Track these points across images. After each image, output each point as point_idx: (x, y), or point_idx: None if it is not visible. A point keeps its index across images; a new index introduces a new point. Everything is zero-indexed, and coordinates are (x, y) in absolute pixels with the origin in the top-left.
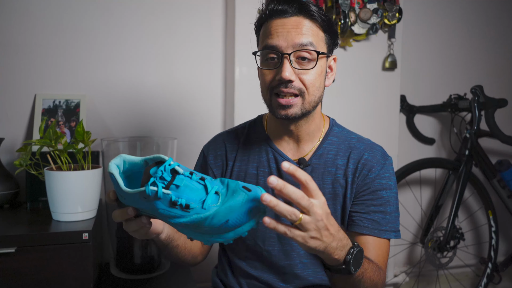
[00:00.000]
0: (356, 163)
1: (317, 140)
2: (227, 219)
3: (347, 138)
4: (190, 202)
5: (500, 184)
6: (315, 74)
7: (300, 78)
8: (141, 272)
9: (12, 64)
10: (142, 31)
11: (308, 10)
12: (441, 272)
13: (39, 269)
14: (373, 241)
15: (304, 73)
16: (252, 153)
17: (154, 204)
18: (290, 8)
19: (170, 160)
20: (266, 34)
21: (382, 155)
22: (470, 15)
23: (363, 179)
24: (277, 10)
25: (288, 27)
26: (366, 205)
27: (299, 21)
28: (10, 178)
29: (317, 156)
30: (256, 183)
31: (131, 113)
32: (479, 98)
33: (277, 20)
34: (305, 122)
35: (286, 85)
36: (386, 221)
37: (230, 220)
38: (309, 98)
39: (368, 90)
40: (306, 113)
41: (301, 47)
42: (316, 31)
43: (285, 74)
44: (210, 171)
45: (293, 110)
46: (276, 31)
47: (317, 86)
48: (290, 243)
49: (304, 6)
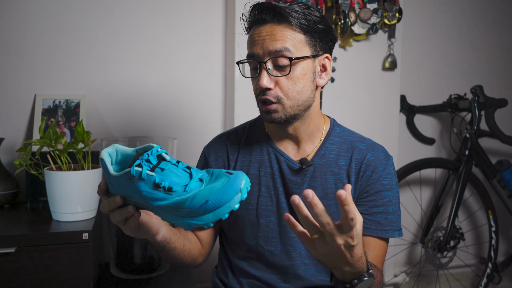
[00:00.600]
0: (359, 164)
1: (318, 140)
2: (206, 199)
3: (349, 137)
4: (173, 185)
5: (500, 184)
6: (295, 79)
7: (278, 85)
8: (141, 272)
9: (12, 64)
10: (142, 31)
11: (282, 15)
12: (441, 272)
13: (39, 269)
14: (374, 242)
15: (283, 79)
16: (254, 153)
17: (138, 186)
18: (266, 15)
19: (159, 147)
20: (248, 43)
21: (384, 155)
22: (470, 15)
23: (366, 180)
24: (255, 19)
25: (263, 34)
26: (369, 206)
27: (273, 27)
28: (10, 178)
29: (319, 156)
30: (258, 183)
31: (131, 113)
32: (479, 98)
33: (256, 29)
34: (302, 123)
35: (264, 93)
36: (388, 221)
37: (210, 201)
38: (289, 103)
39: (368, 90)
40: (292, 116)
41: (276, 54)
42: (293, 34)
43: (262, 83)
44: None
45: (276, 115)
46: (253, 40)
47: (297, 90)
48: (292, 243)
49: (276, 12)
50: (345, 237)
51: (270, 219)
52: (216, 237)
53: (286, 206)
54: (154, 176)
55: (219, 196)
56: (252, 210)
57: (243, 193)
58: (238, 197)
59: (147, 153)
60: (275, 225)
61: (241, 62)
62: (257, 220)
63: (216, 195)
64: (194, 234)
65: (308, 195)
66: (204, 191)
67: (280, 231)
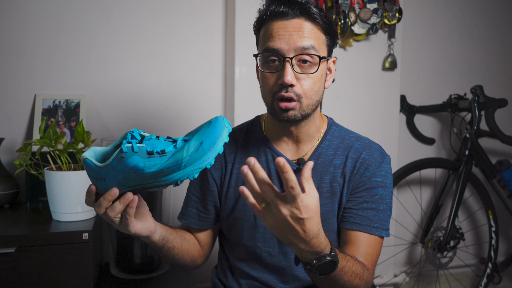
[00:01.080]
0: (354, 162)
1: (316, 141)
2: (201, 141)
3: (346, 137)
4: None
5: (500, 184)
6: (316, 79)
7: (300, 83)
8: (141, 272)
9: (12, 64)
10: (142, 31)
11: (310, 13)
12: (441, 272)
13: (39, 269)
14: (363, 238)
15: (305, 78)
16: (251, 154)
17: (132, 161)
18: (291, 10)
19: (136, 129)
20: (267, 36)
21: (380, 153)
22: (470, 15)
23: (359, 177)
24: (278, 12)
25: (290, 29)
26: (359, 202)
27: (300, 23)
28: (10, 178)
29: (316, 156)
30: None
31: (131, 113)
32: (479, 98)
33: (278, 22)
34: (305, 124)
35: (286, 89)
36: (378, 218)
37: (204, 142)
38: (306, 102)
39: (368, 90)
40: (306, 116)
41: (303, 51)
42: (318, 33)
43: (287, 79)
44: (209, 173)
45: (292, 113)
46: (277, 33)
47: (315, 90)
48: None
49: (306, 8)
50: (290, 207)
51: None
52: (215, 239)
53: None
54: (145, 146)
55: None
56: (250, 211)
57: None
58: (226, 131)
59: (129, 133)
60: None
61: (261, 54)
62: (254, 222)
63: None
64: (194, 236)
65: (250, 162)
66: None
67: None
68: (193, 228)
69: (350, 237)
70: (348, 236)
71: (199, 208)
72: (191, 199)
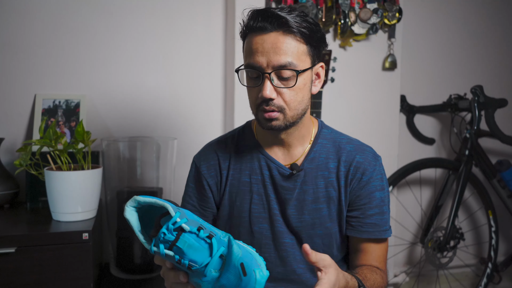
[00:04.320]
0: (348, 166)
1: (307, 144)
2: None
3: (337, 139)
4: (193, 263)
5: (500, 184)
6: (297, 90)
7: (281, 95)
8: (141, 272)
9: (12, 64)
10: (142, 31)
11: (287, 26)
12: (441, 272)
13: (39, 269)
14: (374, 244)
15: (285, 91)
16: (244, 161)
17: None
18: (269, 24)
19: (176, 217)
20: (248, 51)
21: (373, 156)
22: (470, 15)
23: (357, 183)
24: (256, 27)
25: (268, 45)
26: (364, 210)
27: (278, 38)
28: (10, 178)
29: (308, 160)
30: (250, 191)
31: (131, 113)
32: (479, 98)
33: (257, 37)
34: (295, 129)
35: (267, 103)
36: (384, 221)
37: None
38: (290, 113)
39: (368, 90)
40: (291, 124)
41: (280, 68)
42: (297, 46)
43: (266, 93)
44: (204, 181)
45: (276, 123)
46: (256, 49)
47: (298, 100)
48: (286, 249)
49: (283, 22)
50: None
51: (263, 226)
52: None
53: (278, 213)
54: (174, 255)
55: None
56: (245, 217)
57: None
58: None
59: (162, 231)
60: (268, 232)
61: (240, 69)
62: (250, 228)
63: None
64: None
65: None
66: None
67: (273, 238)
68: None
69: (362, 245)
70: (359, 245)
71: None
72: (187, 208)
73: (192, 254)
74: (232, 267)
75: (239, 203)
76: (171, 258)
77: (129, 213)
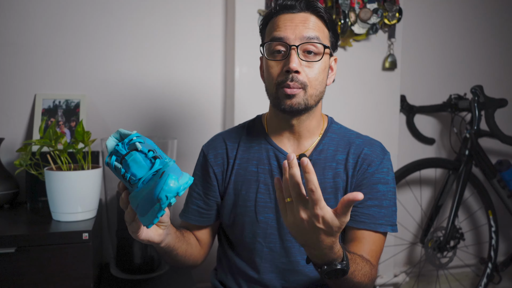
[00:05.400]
0: (356, 158)
1: (317, 137)
2: (136, 205)
3: (346, 134)
4: (133, 177)
5: (500, 184)
6: (319, 69)
7: (305, 71)
8: (141, 272)
9: (12, 64)
10: (142, 31)
11: (315, 7)
12: (441, 272)
13: (39, 269)
14: (368, 235)
15: (310, 66)
16: (252, 151)
17: (116, 174)
18: (298, 4)
19: (133, 136)
20: (273, 27)
21: (381, 150)
22: (470, 15)
23: (362, 173)
24: (286, 5)
25: (296, 21)
26: (364, 200)
27: (306, 16)
28: (10, 178)
29: (317, 152)
30: (256, 180)
31: (131, 113)
32: (479, 98)
33: (285, 15)
34: (307, 117)
35: (292, 78)
36: (382, 214)
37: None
38: (311, 91)
39: (368, 90)
40: (309, 106)
41: (308, 40)
42: (322, 28)
43: (293, 65)
44: (210, 169)
45: (296, 100)
46: (284, 24)
47: (320, 80)
48: (291, 239)
49: (312, 4)
50: (309, 212)
51: (268, 216)
52: (214, 237)
53: None
54: (120, 167)
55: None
56: (251, 207)
57: (163, 202)
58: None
59: (118, 144)
60: (273, 222)
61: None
62: (255, 217)
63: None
64: (193, 234)
65: (289, 157)
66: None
67: (278, 228)
68: (193, 226)
69: (356, 235)
70: (353, 234)
71: (199, 204)
72: (192, 196)
73: (135, 169)
74: (156, 176)
75: (245, 192)
76: (118, 170)
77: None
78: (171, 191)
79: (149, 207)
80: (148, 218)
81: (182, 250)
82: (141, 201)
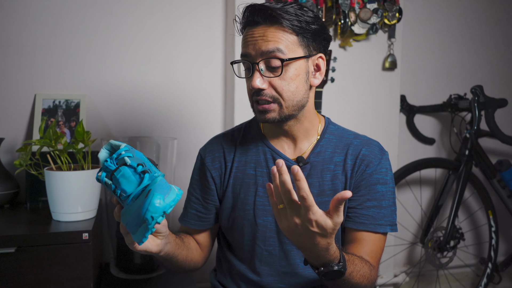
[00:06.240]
0: (354, 159)
1: (314, 139)
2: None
3: (344, 135)
4: (123, 193)
5: (500, 184)
6: (288, 79)
7: (272, 85)
8: (141, 272)
9: (12, 64)
10: (142, 31)
11: (274, 18)
12: (441, 272)
13: (39, 269)
14: (368, 236)
15: (276, 80)
16: (250, 153)
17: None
18: (258, 17)
19: (122, 150)
20: (241, 44)
21: (379, 150)
22: (470, 15)
23: (361, 174)
24: (248, 21)
25: (256, 36)
26: (362, 200)
27: (265, 29)
28: (10, 178)
29: (315, 154)
30: (255, 183)
31: (131, 113)
32: (479, 98)
33: (248, 30)
34: (296, 122)
35: (258, 93)
36: (381, 215)
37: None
38: (286, 104)
39: (368, 90)
40: (287, 117)
41: (268, 55)
42: (285, 36)
43: (254, 83)
44: (208, 173)
45: (270, 115)
46: (246, 40)
47: (292, 91)
48: (290, 242)
49: (270, 14)
50: (302, 217)
51: (267, 219)
52: (215, 239)
53: None
54: (111, 183)
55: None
56: (250, 210)
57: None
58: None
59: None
60: (272, 225)
61: (234, 62)
62: (254, 220)
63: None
64: (193, 238)
65: (278, 164)
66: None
67: (277, 231)
68: (193, 229)
69: (355, 236)
70: (353, 236)
71: (198, 208)
72: (191, 200)
73: (125, 185)
74: (143, 194)
75: (244, 195)
76: (109, 186)
77: (101, 153)
78: (157, 211)
79: (137, 226)
80: (137, 236)
81: (183, 256)
82: (130, 219)
